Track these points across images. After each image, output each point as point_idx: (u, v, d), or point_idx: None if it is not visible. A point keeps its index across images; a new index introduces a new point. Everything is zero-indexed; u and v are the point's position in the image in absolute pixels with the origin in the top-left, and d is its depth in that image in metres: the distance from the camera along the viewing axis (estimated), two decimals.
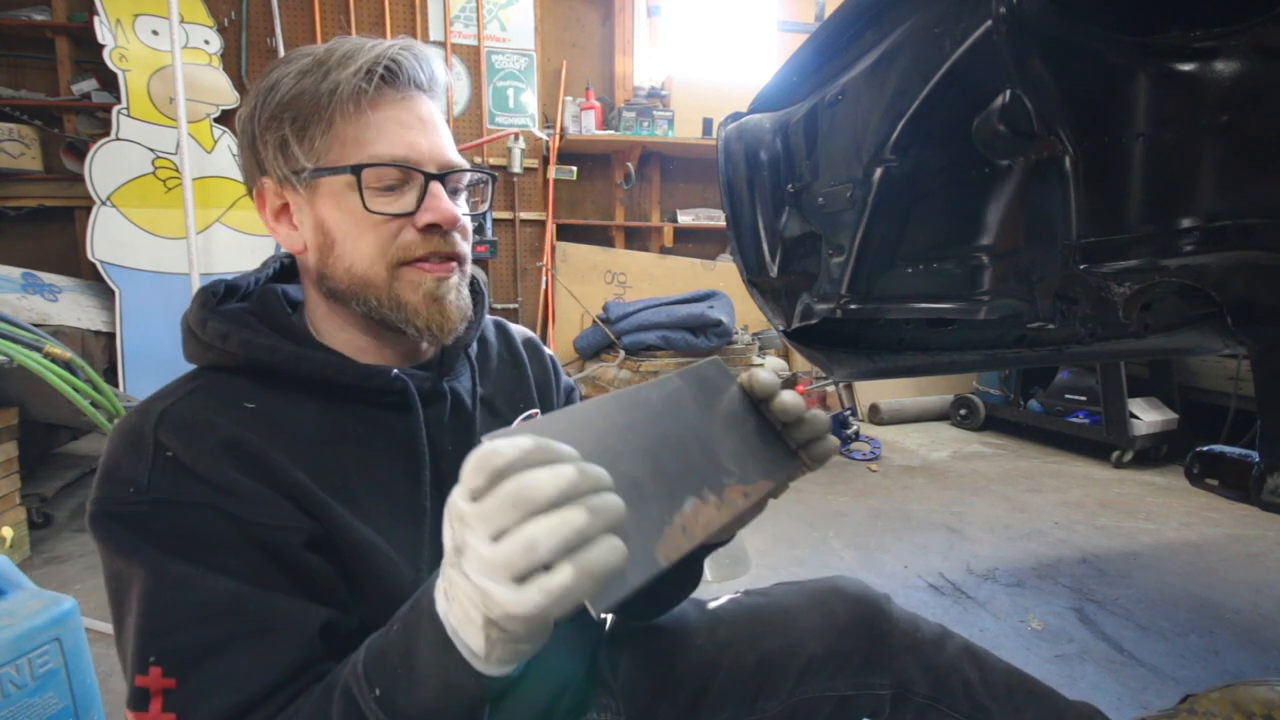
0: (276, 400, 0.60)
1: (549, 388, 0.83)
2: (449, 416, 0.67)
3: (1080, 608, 1.67)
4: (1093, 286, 0.88)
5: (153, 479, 0.52)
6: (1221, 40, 0.70)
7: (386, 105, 0.59)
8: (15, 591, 1.06)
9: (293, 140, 0.59)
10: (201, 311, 0.61)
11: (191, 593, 0.50)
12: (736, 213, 1.44)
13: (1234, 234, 0.72)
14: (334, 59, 0.58)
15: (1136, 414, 2.74)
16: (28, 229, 3.18)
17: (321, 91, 0.57)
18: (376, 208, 0.59)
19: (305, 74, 0.58)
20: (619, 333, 3.13)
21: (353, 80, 0.57)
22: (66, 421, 2.19)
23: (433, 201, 0.60)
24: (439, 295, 0.62)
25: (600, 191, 4.16)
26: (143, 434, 0.54)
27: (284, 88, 0.59)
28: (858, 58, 1.11)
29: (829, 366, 1.45)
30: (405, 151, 0.59)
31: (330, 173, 0.58)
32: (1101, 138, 0.81)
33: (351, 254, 0.60)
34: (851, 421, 3.26)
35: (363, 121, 0.58)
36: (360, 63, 0.57)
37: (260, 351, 0.59)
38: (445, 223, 0.60)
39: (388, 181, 0.59)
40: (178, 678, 0.48)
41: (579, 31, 4.06)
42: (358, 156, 0.58)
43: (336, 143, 0.58)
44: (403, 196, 0.60)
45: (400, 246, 0.60)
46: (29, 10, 3.11)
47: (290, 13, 3.48)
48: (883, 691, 0.76)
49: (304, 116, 0.58)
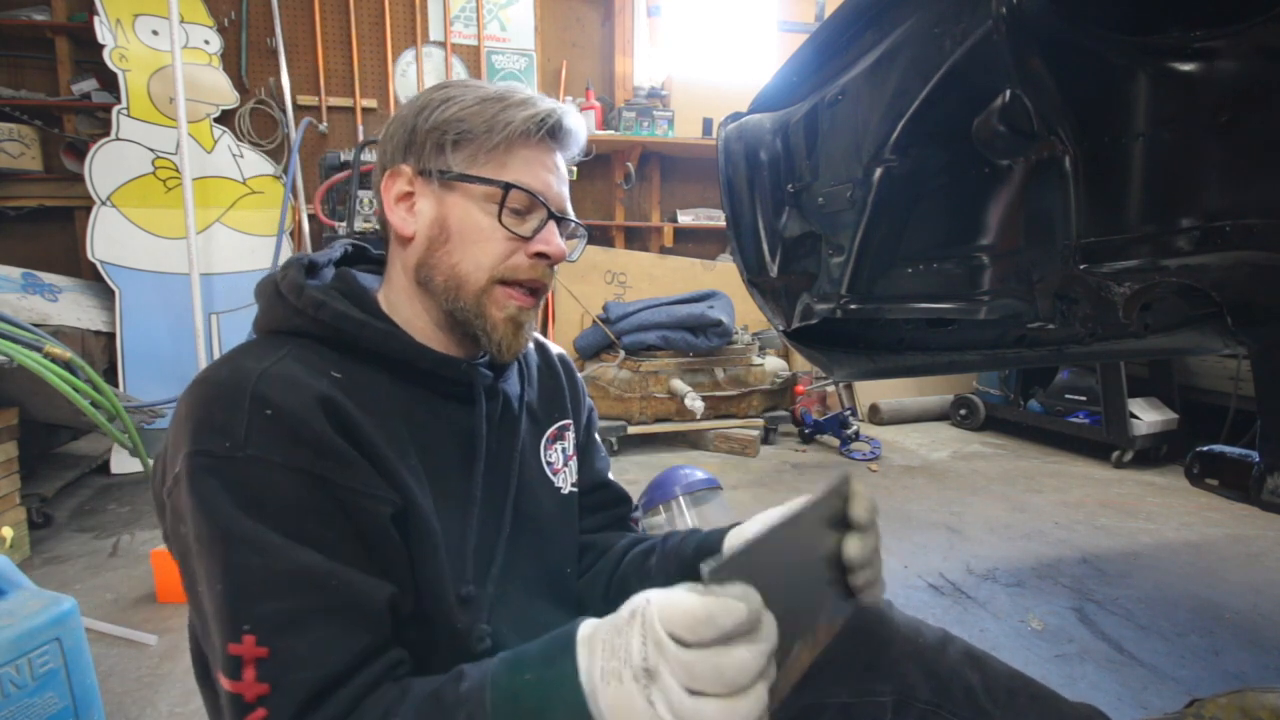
0: (356, 371, 0.63)
1: (579, 404, 0.89)
2: (500, 414, 0.73)
3: (1080, 608, 1.67)
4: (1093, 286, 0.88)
5: (249, 435, 0.53)
6: (1221, 40, 0.70)
7: (541, 150, 0.68)
8: (15, 591, 1.06)
9: (449, 145, 0.66)
10: (298, 279, 0.64)
11: (279, 560, 0.51)
12: (736, 213, 1.44)
13: (1234, 234, 0.72)
14: (515, 99, 0.67)
15: (1136, 414, 2.74)
16: (28, 229, 3.18)
17: (498, 119, 0.65)
18: (507, 224, 0.66)
19: (486, 101, 0.66)
20: (619, 333, 3.13)
21: (528, 122, 0.66)
22: (66, 421, 2.19)
23: (549, 234, 0.68)
24: (519, 321, 0.69)
25: (600, 191, 4.16)
26: (240, 389, 0.55)
27: (460, 103, 0.66)
28: (858, 58, 1.11)
29: (829, 366, 1.45)
30: (539, 188, 0.67)
31: (481, 182, 0.65)
32: (1101, 138, 0.81)
33: (462, 254, 0.66)
34: (851, 421, 3.26)
35: (519, 154, 0.67)
36: (539, 110, 0.66)
37: (351, 325, 0.63)
38: (554, 255, 0.68)
39: (518, 206, 0.66)
40: (270, 647, 0.49)
41: (579, 31, 4.06)
42: (506, 178, 0.66)
43: (492, 162, 0.66)
44: (525, 223, 0.67)
45: (509, 265, 0.67)
46: (29, 10, 3.11)
47: (290, 13, 3.48)
48: (884, 698, 0.75)
49: (473, 131, 0.65)
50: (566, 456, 0.82)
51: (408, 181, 0.68)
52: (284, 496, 0.53)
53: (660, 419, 3.15)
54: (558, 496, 0.79)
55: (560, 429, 0.82)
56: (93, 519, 2.28)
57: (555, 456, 0.81)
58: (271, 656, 0.49)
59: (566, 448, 0.83)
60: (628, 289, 3.76)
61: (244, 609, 0.50)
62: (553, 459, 0.80)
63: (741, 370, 3.24)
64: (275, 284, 0.65)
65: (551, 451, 0.80)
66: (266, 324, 0.65)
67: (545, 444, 0.80)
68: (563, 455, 0.82)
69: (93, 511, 2.35)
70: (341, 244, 0.76)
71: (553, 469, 0.80)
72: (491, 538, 0.70)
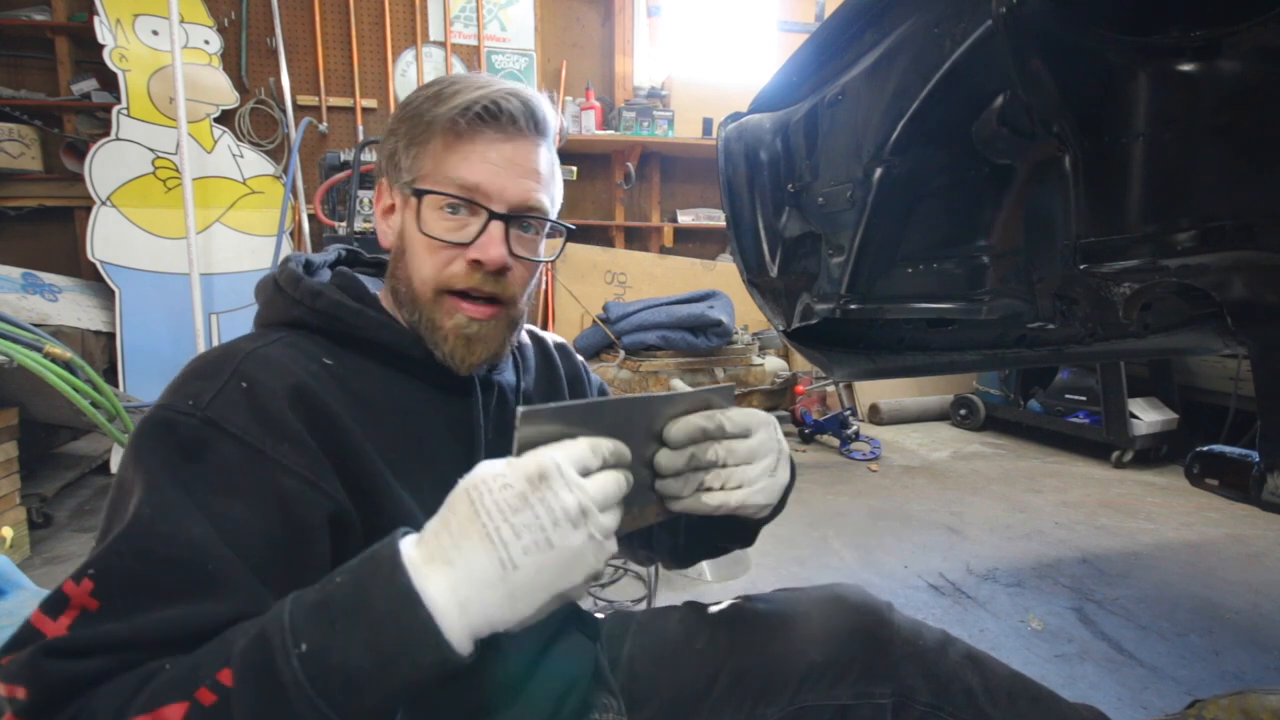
0: (351, 362, 0.63)
1: (580, 383, 0.89)
2: (495, 407, 0.72)
3: (1080, 608, 1.67)
4: (1093, 286, 0.88)
5: (214, 400, 0.53)
6: (1221, 40, 0.70)
7: (481, 140, 0.62)
8: (15, 591, 1.06)
9: (401, 153, 0.64)
10: (295, 272, 0.65)
11: (168, 523, 0.48)
12: (736, 213, 1.44)
13: (1234, 234, 0.72)
14: (449, 91, 0.63)
15: (1136, 414, 2.74)
16: (28, 229, 3.18)
17: (428, 116, 0.62)
18: (434, 231, 0.62)
19: (426, 100, 0.63)
20: (619, 333, 3.13)
21: (452, 113, 0.61)
22: (66, 421, 2.19)
23: (485, 239, 0.62)
24: (469, 334, 0.65)
25: (600, 191, 4.16)
26: (226, 362, 0.56)
27: (409, 107, 0.64)
28: (858, 58, 1.11)
29: (829, 366, 1.45)
30: (477, 183, 0.62)
31: (408, 189, 0.63)
32: (1101, 138, 0.81)
33: (412, 265, 0.65)
34: (851, 421, 3.26)
35: (451, 148, 0.62)
36: (466, 98, 0.61)
37: (348, 314, 0.63)
38: (488, 263, 0.62)
39: (451, 208, 0.63)
40: (103, 603, 0.45)
41: (579, 31, 4.06)
42: (435, 178, 0.62)
43: (429, 163, 0.63)
44: (465, 227, 0.63)
45: (449, 274, 0.63)
46: (29, 10, 3.11)
47: (290, 13, 3.48)
48: (883, 700, 0.75)
49: (411, 134, 0.63)
50: None
51: (388, 194, 0.68)
52: (219, 462, 0.51)
53: None
54: None
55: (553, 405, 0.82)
56: (93, 519, 2.28)
57: None
58: (98, 611, 0.44)
59: None
60: (628, 289, 3.76)
61: (108, 555, 0.46)
62: None
63: (741, 370, 3.24)
64: (274, 279, 0.66)
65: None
66: (266, 318, 0.66)
67: None
68: None
69: (93, 511, 2.35)
70: (336, 248, 0.76)
71: None
72: None
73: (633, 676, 0.79)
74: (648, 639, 0.81)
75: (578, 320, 3.57)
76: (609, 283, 3.74)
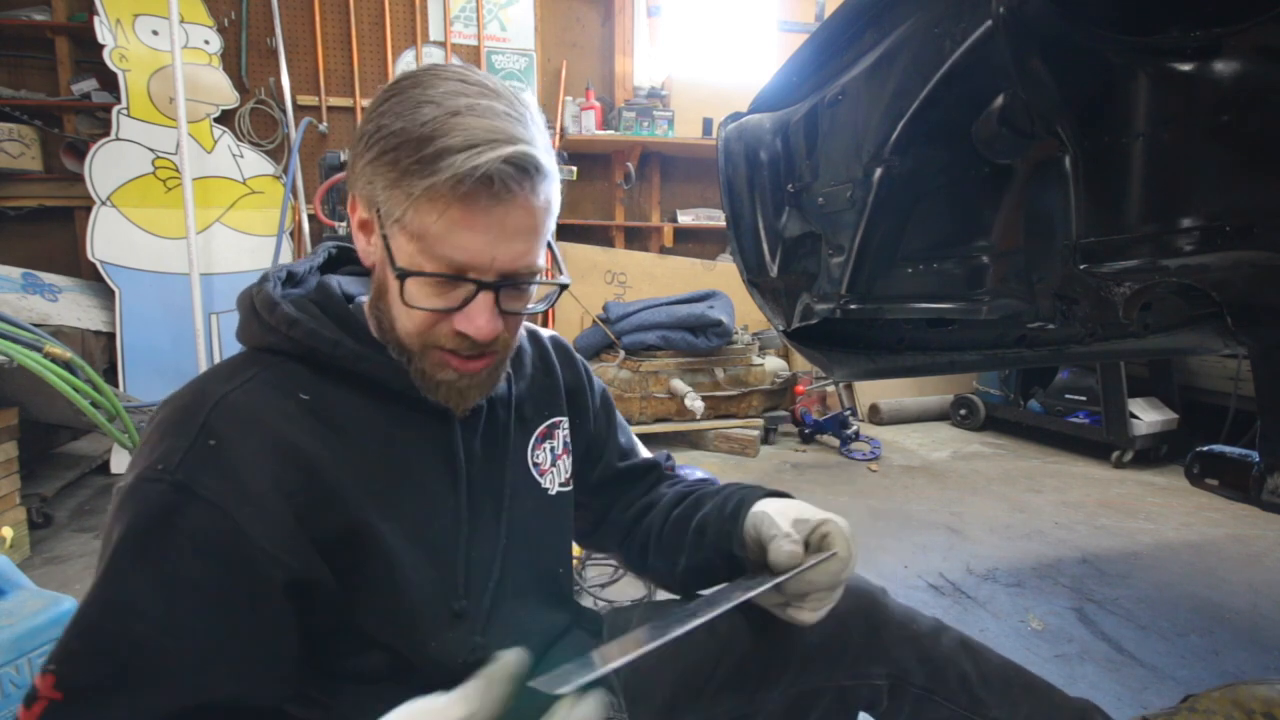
0: (329, 392, 0.61)
1: (582, 392, 0.86)
2: (484, 424, 0.70)
3: (1080, 608, 1.67)
4: (1093, 286, 0.88)
5: (184, 460, 0.53)
6: (1221, 40, 0.70)
7: (471, 210, 0.55)
8: (15, 591, 1.06)
9: (380, 194, 0.57)
10: (271, 295, 0.62)
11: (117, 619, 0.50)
12: (736, 213, 1.44)
13: (1234, 234, 0.72)
14: (435, 148, 0.53)
15: (1136, 414, 2.74)
16: (28, 229, 3.18)
17: (413, 177, 0.54)
18: (419, 299, 0.58)
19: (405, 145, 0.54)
20: (619, 333, 3.13)
21: (451, 181, 0.53)
22: (66, 421, 2.19)
23: (473, 311, 0.58)
24: (460, 386, 0.62)
25: (600, 191, 4.15)
26: (195, 414, 0.55)
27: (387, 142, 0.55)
28: (858, 58, 1.11)
29: (829, 366, 1.45)
30: (465, 259, 0.56)
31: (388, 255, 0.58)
32: (1101, 138, 0.81)
33: (394, 314, 0.61)
34: (851, 421, 3.26)
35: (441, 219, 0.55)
36: (459, 169, 0.53)
37: (324, 344, 0.60)
38: (477, 336, 0.59)
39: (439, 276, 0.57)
40: (65, 694, 0.49)
41: (579, 31, 4.06)
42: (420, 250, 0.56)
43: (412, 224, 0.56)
44: (452, 292, 0.58)
45: (434, 335, 0.60)
46: (29, 10, 3.11)
47: (290, 13, 3.47)
48: (879, 682, 0.76)
49: (392, 185, 0.56)
50: (555, 455, 0.79)
51: (364, 209, 0.61)
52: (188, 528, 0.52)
53: (660, 419, 3.15)
54: (544, 499, 0.76)
55: (550, 427, 0.79)
56: (93, 519, 2.28)
57: (543, 456, 0.77)
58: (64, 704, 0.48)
59: (555, 446, 0.79)
60: (628, 289, 3.76)
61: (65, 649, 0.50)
62: (540, 459, 0.77)
63: (741, 370, 3.24)
64: (251, 300, 0.63)
65: (539, 452, 0.77)
66: (245, 339, 0.64)
67: (533, 444, 0.77)
68: (550, 455, 0.78)
69: (93, 511, 2.35)
70: (325, 247, 0.73)
71: (539, 470, 0.76)
72: (489, 550, 0.68)
73: (635, 670, 0.78)
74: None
75: (578, 320, 3.56)
76: (609, 283, 3.74)
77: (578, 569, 1.77)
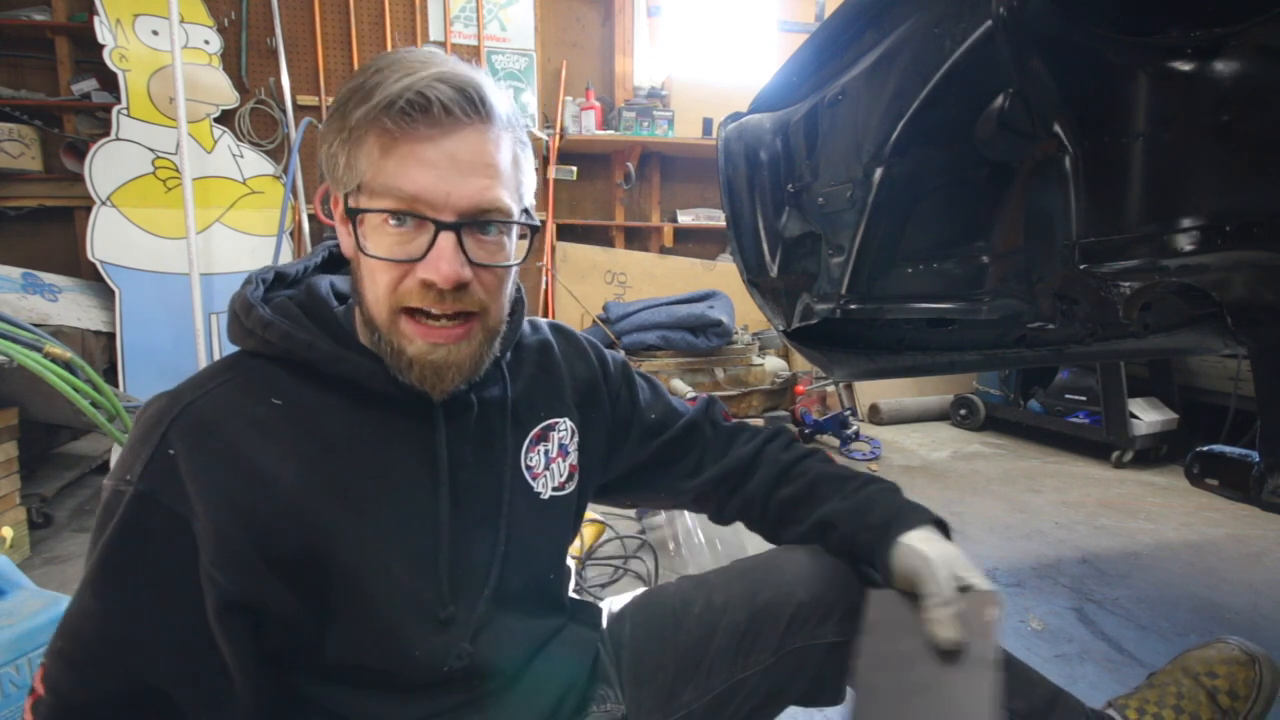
0: (307, 395, 0.61)
1: (596, 385, 0.82)
2: (474, 427, 0.67)
3: (1080, 608, 1.67)
4: (1093, 286, 0.88)
5: (145, 470, 0.55)
6: (1221, 40, 0.70)
7: (412, 139, 0.54)
8: (15, 591, 1.06)
9: (338, 156, 0.57)
10: (249, 298, 0.61)
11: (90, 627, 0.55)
12: (736, 213, 1.44)
13: (1234, 234, 0.72)
14: (373, 80, 0.54)
15: (1136, 414, 2.74)
16: (28, 229, 3.18)
17: (353, 117, 0.54)
18: (377, 249, 0.56)
19: (352, 92, 0.55)
20: (619, 333, 3.13)
21: (375, 111, 0.53)
22: (66, 421, 2.19)
23: (433, 254, 0.55)
24: (435, 360, 0.59)
25: (600, 191, 4.15)
26: (159, 424, 0.57)
27: (337, 105, 0.57)
28: (858, 58, 1.11)
29: (829, 366, 1.45)
30: (416, 193, 0.54)
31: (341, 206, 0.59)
32: (1101, 138, 0.81)
33: (365, 285, 0.59)
34: (851, 421, 3.26)
35: (384, 153, 0.54)
36: (388, 92, 0.52)
37: (298, 346, 0.60)
38: (441, 281, 0.55)
39: (395, 219, 0.55)
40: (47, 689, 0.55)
41: (579, 31, 4.06)
42: (371, 190, 0.55)
43: (363, 171, 0.55)
44: (414, 240, 0.56)
45: (402, 292, 0.57)
46: (29, 10, 3.11)
47: (290, 13, 3.48)
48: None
49: (337, 136, 0.56)
50: (550, 458, 0.75)
51: (337, 200, 0.61)
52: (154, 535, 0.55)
53: None
54: (536, 503, 0.73)
55: (545, 429, 0.75)
56: (92, 519, 2.28)
57: (536, 459, 0.74)
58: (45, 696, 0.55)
59: (550, 449, 0.76)
60: (628, 289, 3.76)
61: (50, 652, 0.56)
62: (533, 462, 0.73)
63: (741, 370, 3.24)
64: (233, 301, 0.63)
65: (532, 455, 0.74)
66: (231, 339, 0.64)
67: (526, 447, 0.73)
68: (544, 457, 0.75)
69: (92, 512, 2.35)
70: (323, 247, 0.73)
71: (532, 473, 0.73)
72: (483, 555, 0.67)
73: (635, 655, 0.79)
74: (647, 615, 0.81)
75: (578, 320, 3.57)
76: (609, 283, 3.74)
77: (578, 569, 1.77)
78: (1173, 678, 0.89)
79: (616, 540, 1.95)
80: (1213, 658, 0.89)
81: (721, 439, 0.87)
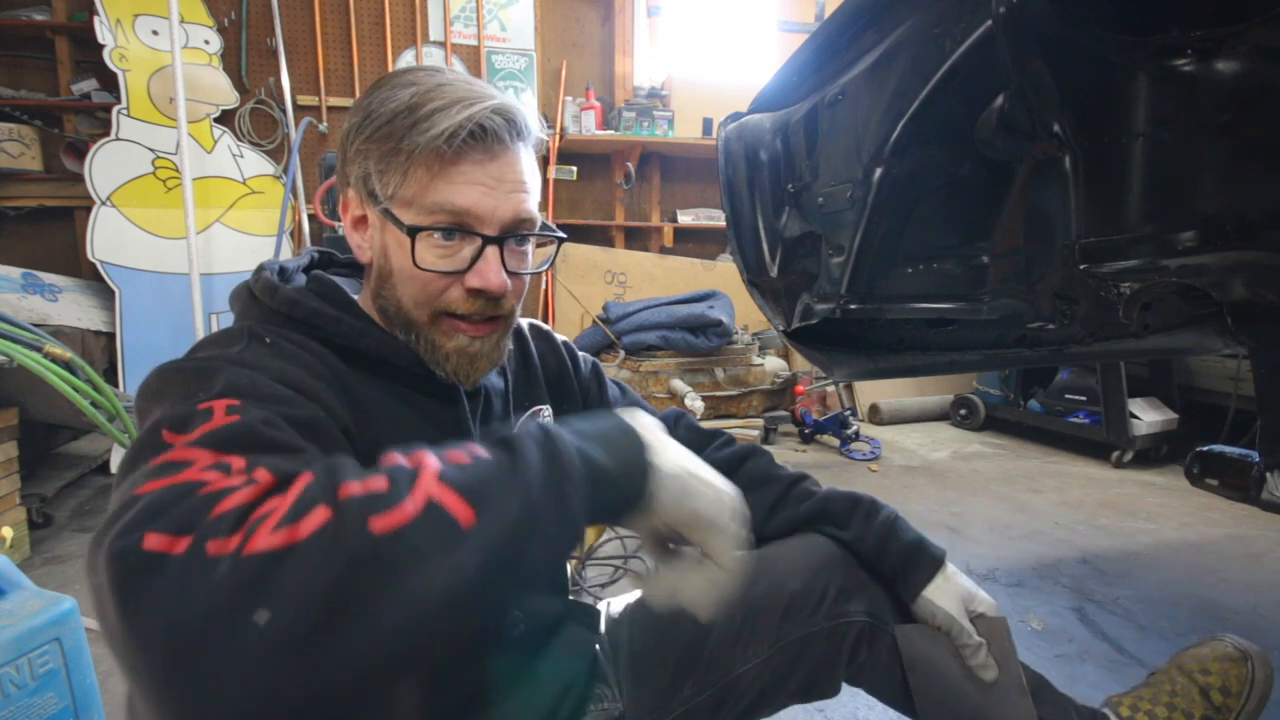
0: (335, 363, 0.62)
1: (566, 376, 0.86)
2: (483, 411, 0.73)
3: (1080, 608, 1.67)
4: (1093, 286, 0.88)
5: (244, 349, 0.55)
6: (1221, 40, 0.70)
7: (465, 162, 0.59)
8: (15, 591, 1.06)
9: (374, 174, 0.61)
10: (271, 281, 0.63)
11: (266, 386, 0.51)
12: (736, 213, 1.44)
13: (1234, 234, 0.72)
14: (425, 110, 0.58)
15: (1136, 414, 2.74)
16: (28, 229, 3.18)
17: (406, 139, 0.58)
18: (428, 262, 0.60)
19: (398, 115, 0.59)
20: (619, 333, 3.13)
21: (436, 141, 0.57)
22: (66, 421, 2.19)
23: (483, 266, 0.61)
24: (471, 351, 0.64)
25: (600, 191, 4.16)
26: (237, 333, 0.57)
27: (378, 120, 0.60)
28: (858, 58, 1.11)
29: (829, 366, 1.45)
30: (468, 206, 0.59)
31: (394, 222, 0.60)
32: (1101, 138, 0.81)
33: (403, 290, 0.63)
34: (851, 421, 3.26)
35: (438, 175, 0.59)
36: (448, 125, 0.57)
37: (327, 322, 0.62)
38: (491, 290, 0.61)
39: (443, 234, 0.60)
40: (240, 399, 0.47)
41: (579, 31, 4.06)
42: (422, 207, 0.59)
43: (411, 188, 0.60)
44: (458, 252, 0.61)
45: (446, 300, 0.62)
46: (29, 10, 3.11)
47: (290, 13, 3.48)
48: (858, 618, 0.76)
49: (387, 156, 0.60)
50: None
51: (358, 206, 0.65)
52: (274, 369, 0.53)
53: None
54: None
55: (533, 414, 0.81)
56: (93, 519, 2.28)
57: None
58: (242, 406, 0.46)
59: None
60: (628, 289, 3.76)
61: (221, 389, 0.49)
62: None
63: (741, 370, 3.24)
64: (249, 288, 0.64)
65: None
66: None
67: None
68: None
69: (93, 511, 2.35)
70: (308, 251, 0.75)
71: None
72: None
73: (634, 655, 0.79)
74: (646, 617, 0.82)
75: (578, 320, 3.57)
76: (609, 283, 3.74)
77: (577, 569, 1.77)
78: (1168, 676, 0.90)
79: (616, 540, 1.95)
80: (1206, 655, 0.90)
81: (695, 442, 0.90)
